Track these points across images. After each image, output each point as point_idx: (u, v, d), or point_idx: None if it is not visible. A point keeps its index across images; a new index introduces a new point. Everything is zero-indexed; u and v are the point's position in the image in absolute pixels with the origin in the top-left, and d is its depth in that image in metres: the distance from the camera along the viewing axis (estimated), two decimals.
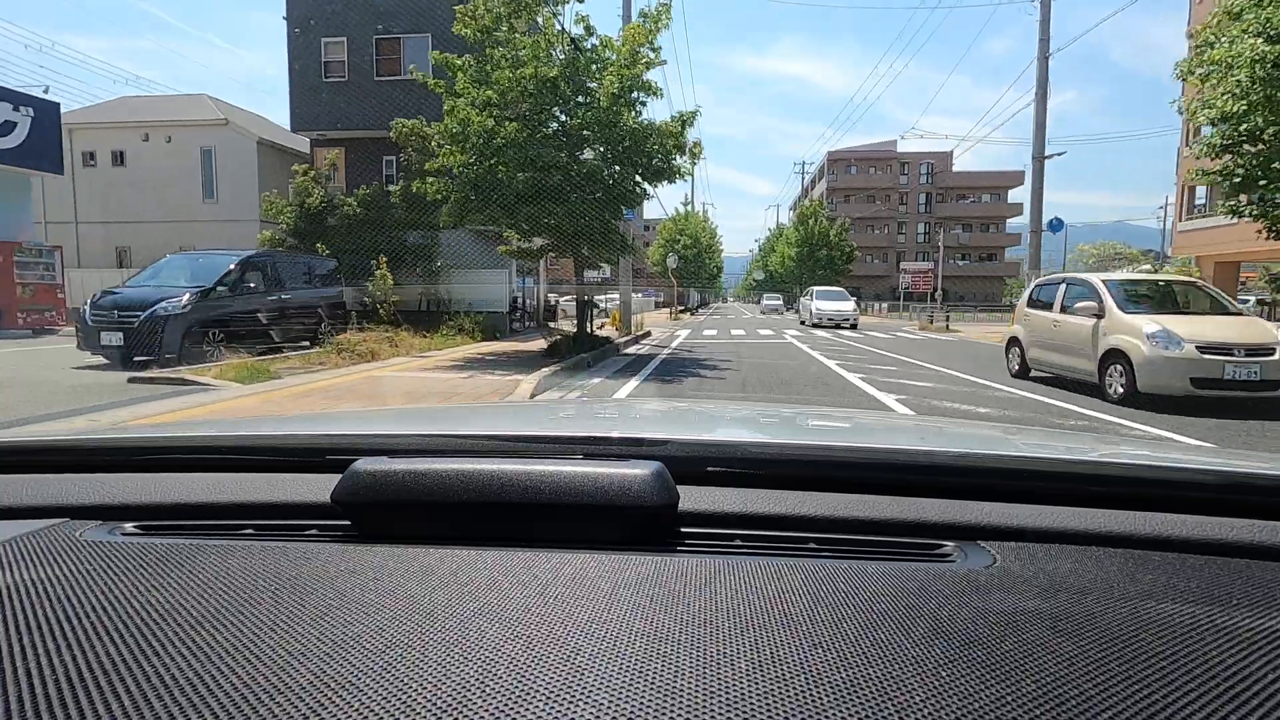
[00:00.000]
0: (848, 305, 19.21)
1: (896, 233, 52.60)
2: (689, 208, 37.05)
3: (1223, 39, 7.75)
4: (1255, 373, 5.17)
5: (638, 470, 0.51)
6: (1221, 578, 0.47)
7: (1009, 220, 52.19)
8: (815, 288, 22.63)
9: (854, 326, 18.84)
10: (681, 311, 31.16)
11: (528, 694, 0.31)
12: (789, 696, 0.31)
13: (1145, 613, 0.41)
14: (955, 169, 49.34)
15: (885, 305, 37.62)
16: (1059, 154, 14.74)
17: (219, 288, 7.83)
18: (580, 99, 7.99)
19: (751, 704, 0.31)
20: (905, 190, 51.84)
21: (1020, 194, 46.70)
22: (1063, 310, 6.60)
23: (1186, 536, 0.54)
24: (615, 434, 0.77)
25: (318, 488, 0.60)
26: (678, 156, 8.08)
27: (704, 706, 0.31)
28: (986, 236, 51.14)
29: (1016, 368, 7.48)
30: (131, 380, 5.67)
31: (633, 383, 6.67)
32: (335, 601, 0.41)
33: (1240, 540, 0.53)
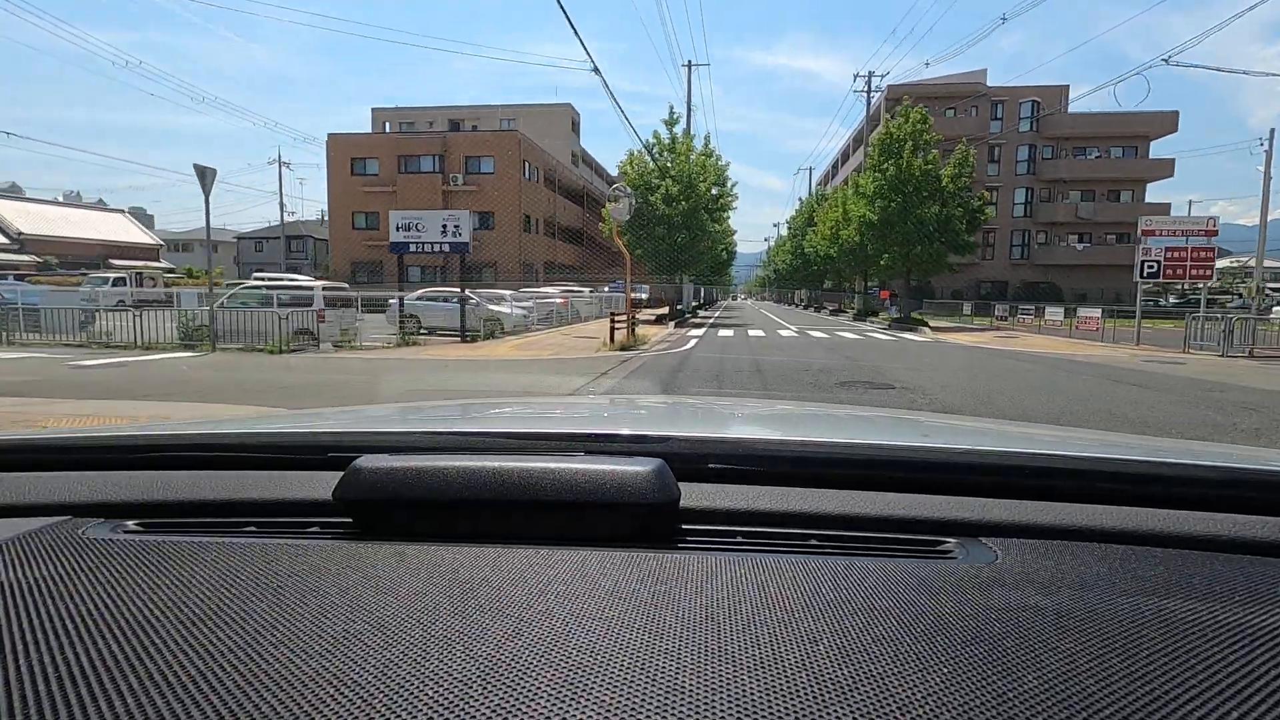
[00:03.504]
0: None
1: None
2: (678, 130, 25.34)
3: None
4: None
5: (639, 467, 0.61)
6: (1224, 574, 0.55)
7: (1151, 184, 44.68)
8: None
9: None
10: (669, 318, 24.96)
11: (530, 691, 0.37)
12: (791, 693, 0.38)
13: (1147, 609, 0.49)
14: (1072, 109, 43.13)
15: (970, 306, 31.69)
16: None
17: None
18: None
19: (754, 700, 0.37)
20: (997, 141, 44.65)
21: (1170, 145, 41.19)
22: None
23: (1189, 533, 0.63)
24: (616, 431, 0.91)
25: (319, 485, 0.72)
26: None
27: (706, 703, 0.37)
28: (1116, 208, 43.41)
29: None
30: None
31: None
32: (337, 599, 0.49)
33: (1242, 536, 0.63)
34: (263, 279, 19.04)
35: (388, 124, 50.84)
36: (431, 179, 35.85)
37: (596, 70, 16.54)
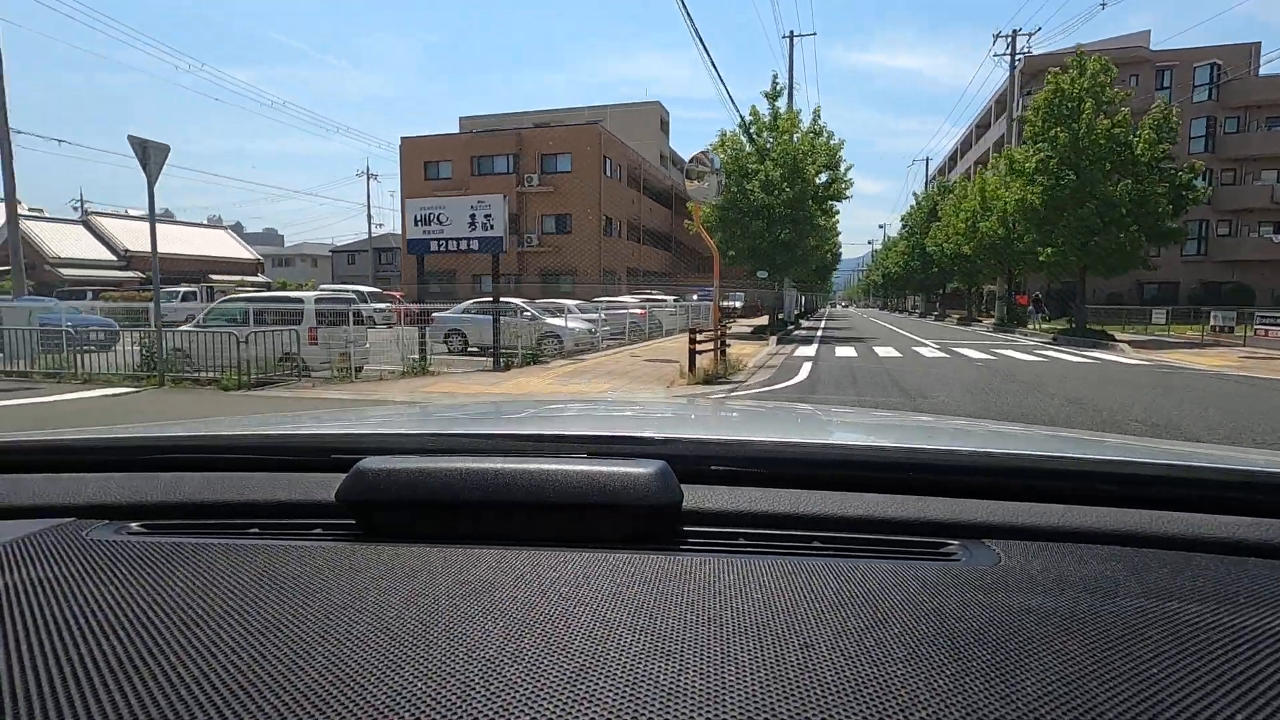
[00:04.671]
0: None
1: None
2: (780, 104, 20.95)
3: None
4: None
5: (641, 469, 0.61)
6: (1228, 576, 0.55)
7: None
8: None
9: None
10: (769, 330, 20.95)
11: (532, 693, 0.38)
12: (793, 695, 0.38)
13: (1151, 611, 0.48)
14: (1264, 71, 35.04)
15: (1166, 313, 25.93)
16: None
17: None
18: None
19: (756, 702, 0.37)
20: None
21: None
22: None
23: (1193, 535, 0.63)
24: (619, 433, 0.90)
25: (323, 487, 0.71)
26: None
27: (708, 705, 0.37)
28: None
29: None
30: None
31: None
32: (340, 600, 0.49)
33: (1247, 539, 0.62)
34: (253, 291, 15.98)
35: (475, 131, 49.11)
36: (505, 180, 32.97)
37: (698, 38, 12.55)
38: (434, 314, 14.43)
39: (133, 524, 0.68)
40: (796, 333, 23.89)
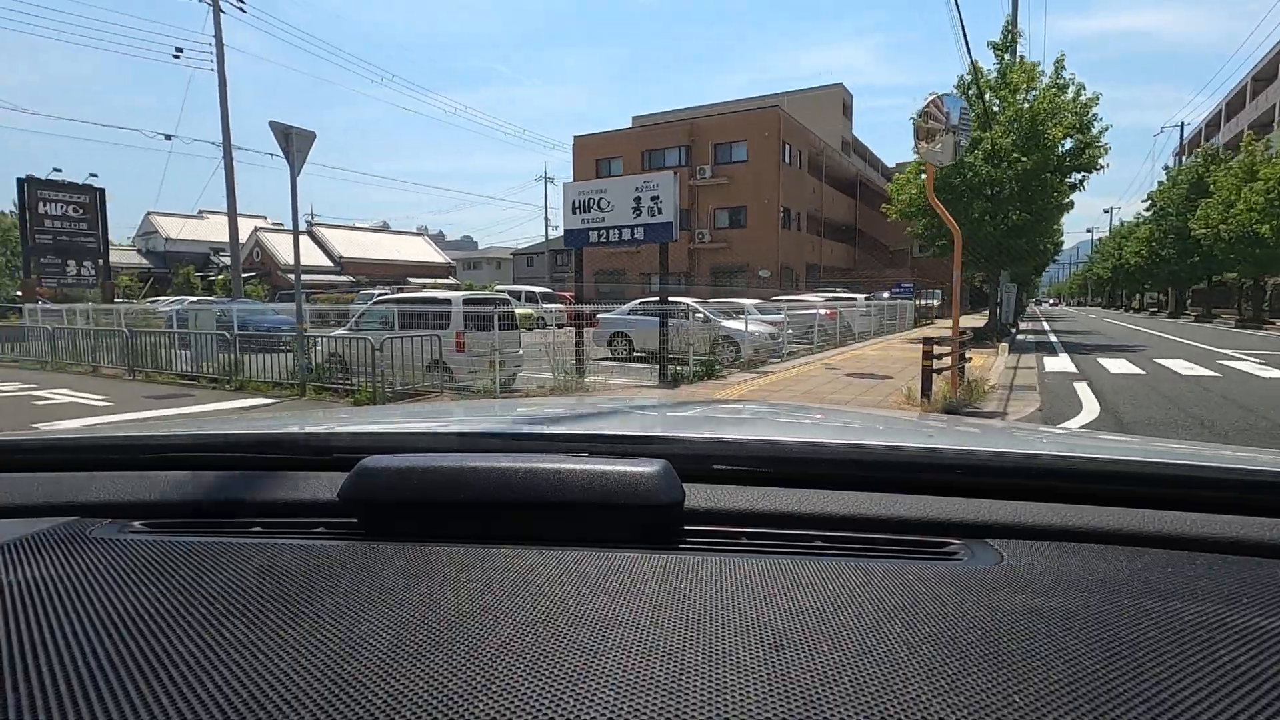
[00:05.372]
0: None
1: None
2: (1008, 52, 16.93)
3: None
4: None
5: (643, 468, 0.61)
6: (1231, 576, 0.55)
7: None
8: None
9: None
10: (990, 335, 17.21)
11: (534, 692, 0.38)
12: (795, 694, 0.38)
13: (1153, 611, 0.48)
14: None
15: None
16: None
17: None
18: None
19: (758, 702, 0.37)
20: None
21: None
22: None
23: (1195, 534, 0.62)
24: (621, 431, 0.91)
25: (325, 486, 0.72)
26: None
27: (710, 704, 0.37)
28: None
29: None
30: None
31: None
32: (341, 600, 0.49)
33: (1250, 538, 0.62)
34: (389, 294, 15.24)
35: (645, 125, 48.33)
36: (677, 174, 31.30)
37: None
38: (598, 315, 12.96)
39: (136, 523, 0.68)
40: (1021, 337, 19.50)
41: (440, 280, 41.50)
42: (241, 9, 20.68)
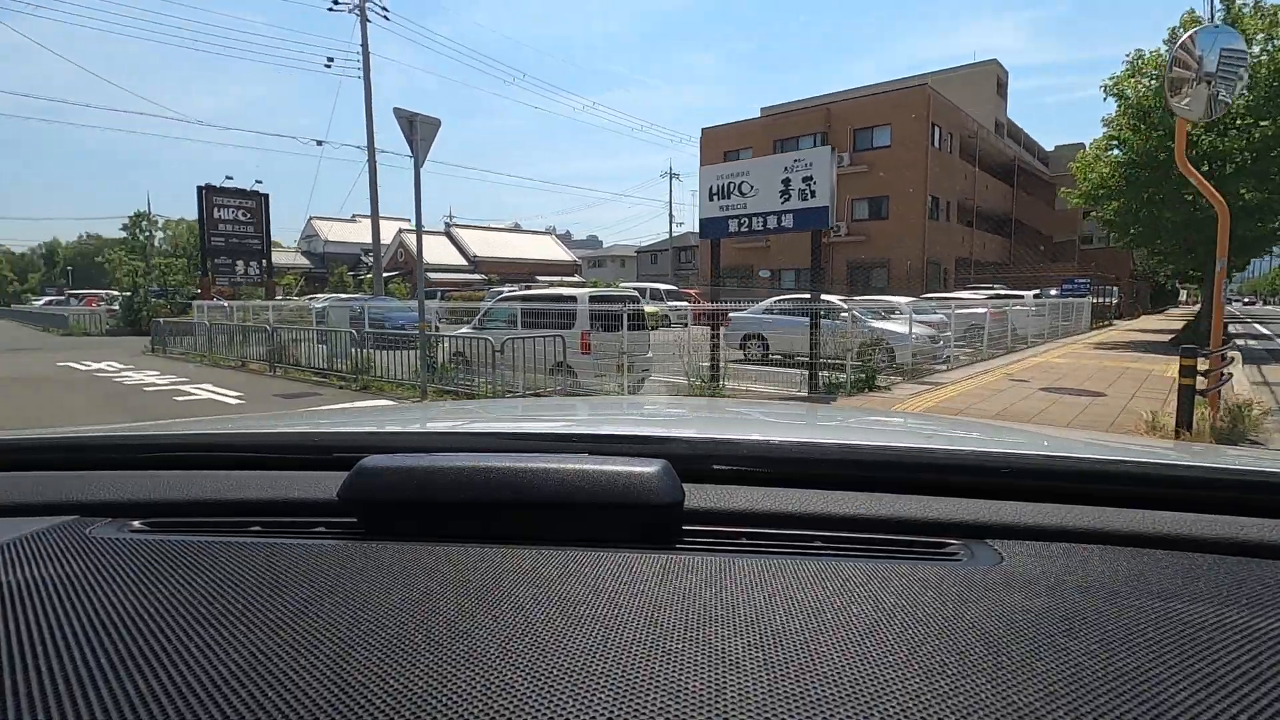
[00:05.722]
0: None
1: None
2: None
3: None
4: None
5: (643, 468, 0.61)
6: (1231, 577, 0.55)
7: None
8: None
9: None
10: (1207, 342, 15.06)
11: (534, 692, 0.38)
12: (795, 694, 0.38)
13: (1153, 612, 0.48)
14: None
15: None
16: None
17: None
18: None
19: (757, 703, 0.37)
20: None
21: None
22: None
23: (1196, 535, 0.62)
24: (621, 431, 0.91)
25: (325, 485, 0.71)
26: None
27: (709, 705, 0.37)
28: None
29: None
30: None
31: None
32: (341, 599, 0.49)
33: (1251, 539, 0.62)
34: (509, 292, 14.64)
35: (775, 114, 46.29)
36: (835, 151, 29.32)
37: None
38: (730, 314, 11.85)
39: (135, 522, 0.68)
40: (1241, 343, 16.07)
41: (566, 279, 41.97)
42: (385, 16, 21.43)
